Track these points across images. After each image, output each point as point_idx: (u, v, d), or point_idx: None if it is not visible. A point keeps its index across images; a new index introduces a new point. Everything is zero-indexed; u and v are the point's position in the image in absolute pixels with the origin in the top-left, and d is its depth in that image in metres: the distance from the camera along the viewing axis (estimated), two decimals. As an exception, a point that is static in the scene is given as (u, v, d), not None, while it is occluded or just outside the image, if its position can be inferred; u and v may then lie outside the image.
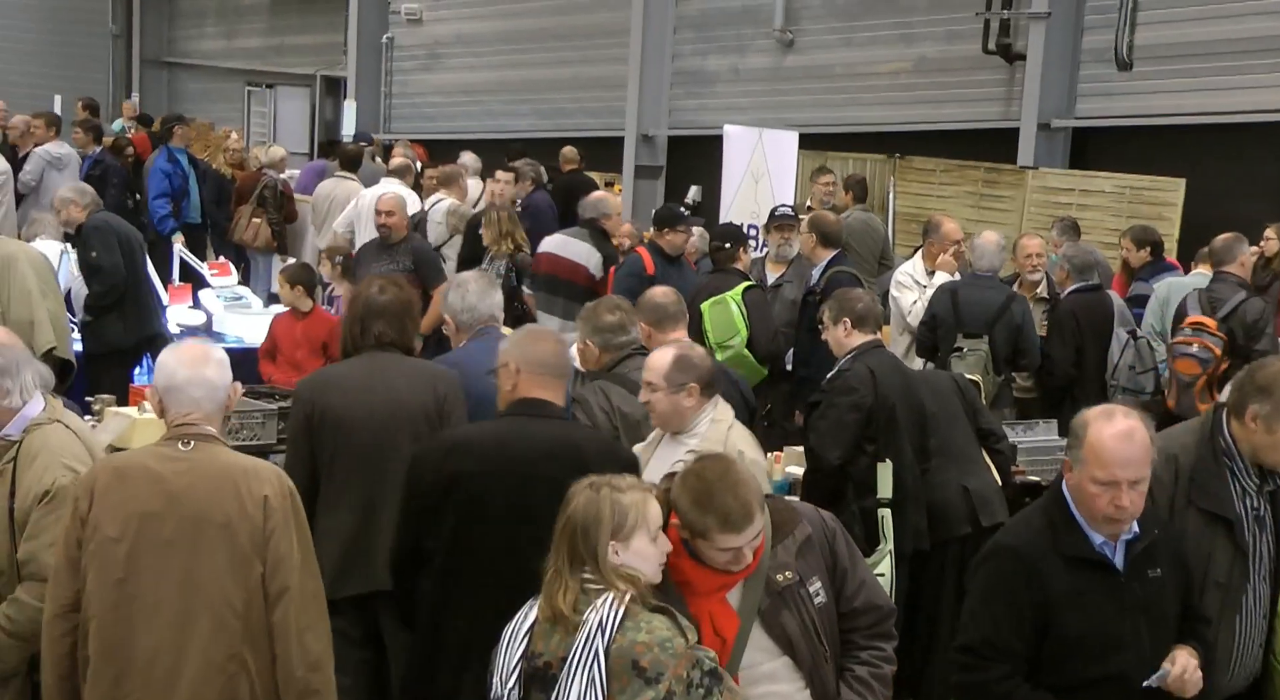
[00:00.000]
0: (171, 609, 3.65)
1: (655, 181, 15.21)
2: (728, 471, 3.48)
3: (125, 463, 3.80)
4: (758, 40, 14.42)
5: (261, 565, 3.69)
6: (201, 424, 3.73)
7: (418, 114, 18.00)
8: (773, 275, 8.52)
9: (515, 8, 16.81)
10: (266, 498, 3.70)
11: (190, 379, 3.76)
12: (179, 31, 21.84)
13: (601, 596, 3.31)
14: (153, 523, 3.66)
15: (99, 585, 3.66)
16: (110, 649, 3.66)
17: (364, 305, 4.96)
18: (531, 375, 4.24)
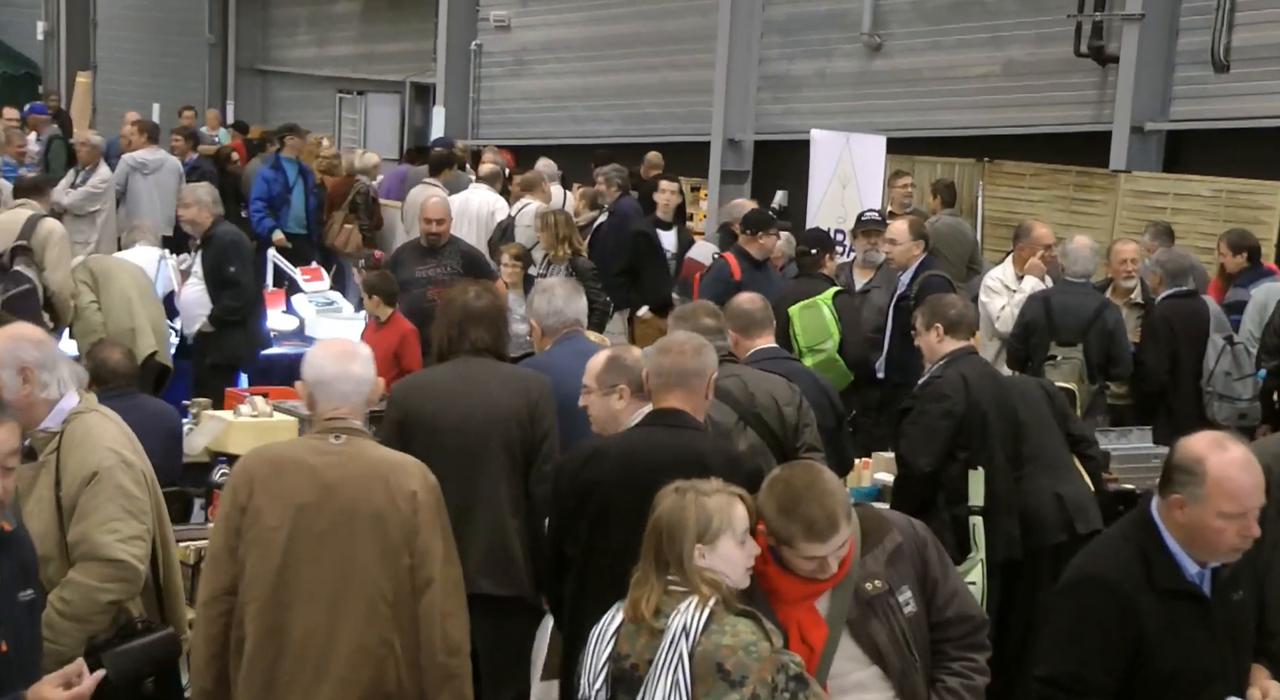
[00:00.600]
0: (326, 595, 3.83)
1: (741, 186, 15.19)
2: (815, 480, 3.48)
3: (281, 455, 3.99)
4: (845, 44, 14.36)
5: (409, 557, 3.86)
6: (349, 418, 3.92)
7: (505, 120, 18.13)
8: (860, 280, 8.50)
9: (602, 14, 16.89)
10: (414, 493, 3.87)
11: (338, 374, 3.93)
12: (273, 39, 22.18)
13: (686, 600, 3.33)
14: (309, 513, 3.84)
15: (259, 572, 3.84)
16: (268, 631, 3.84)
17: (461, 310, 5.00)
18: (658, 386, 4.33)
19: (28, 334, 4.14)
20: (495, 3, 18.06)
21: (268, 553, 3.84)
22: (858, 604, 3.52)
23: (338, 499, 3.84)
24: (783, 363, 5.80)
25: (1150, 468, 6.70)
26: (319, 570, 3.83)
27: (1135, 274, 8.46)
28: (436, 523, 3.92)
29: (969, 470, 5.55)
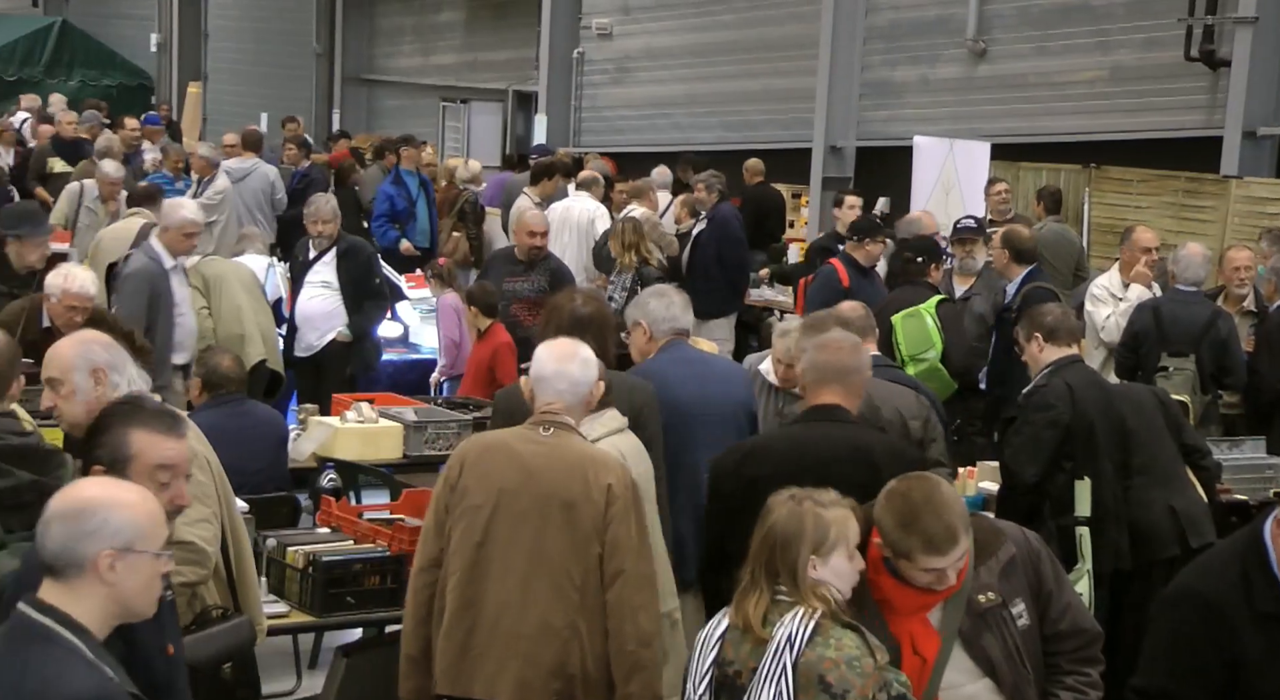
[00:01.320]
0: (518, 574, 4.05)
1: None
2: (934, 493, 3.46)
3: (493, 441, 4.26)
4: (949, 50, 14.24)
5: (599, 546, 4.06)
6: (562, 414, 4.18)
7: (607, 127, 18.21)
8: (960, 288, 8.42)
9: (705, 21, 16.90)
10: (609, 486, 4.08)
11: (556, 373, 4.21)
12: (378, 49, 22.48)
13: (792, 610, 3.32)
14: (510, 496, 4.09)
15: (461, 546, 4.09)
16: (465, 603, 4.09)
17: (570, 318, 4.98)
18: (816, 382, 4.45)
19: (95, 336, 4.23)
20: (597, 11, 18.15)
21: (470, 529, 4.09)
22: (971, 616, 3.50)
23: (537, 485, 4.08)
24: (886, 371, 5.77)
25: (1264, 478, 6.58)
26: (513, 550, 4.06)
27: (1249, 282, 8.28)
28: (630, 517, 4.09)
29: (1075, 480, 5.47)
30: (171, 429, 3.37)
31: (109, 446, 3.32)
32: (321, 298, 8.68)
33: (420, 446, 6.77)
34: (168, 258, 7.60)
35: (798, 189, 15.29)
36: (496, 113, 19.86)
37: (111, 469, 3.27)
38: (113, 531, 2.80)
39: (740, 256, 11.26)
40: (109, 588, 2.80)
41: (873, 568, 3.47)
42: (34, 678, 2.70)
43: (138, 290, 7.44)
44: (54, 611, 2.78)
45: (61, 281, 6.83)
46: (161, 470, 3.32)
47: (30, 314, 6.89)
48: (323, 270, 8.69)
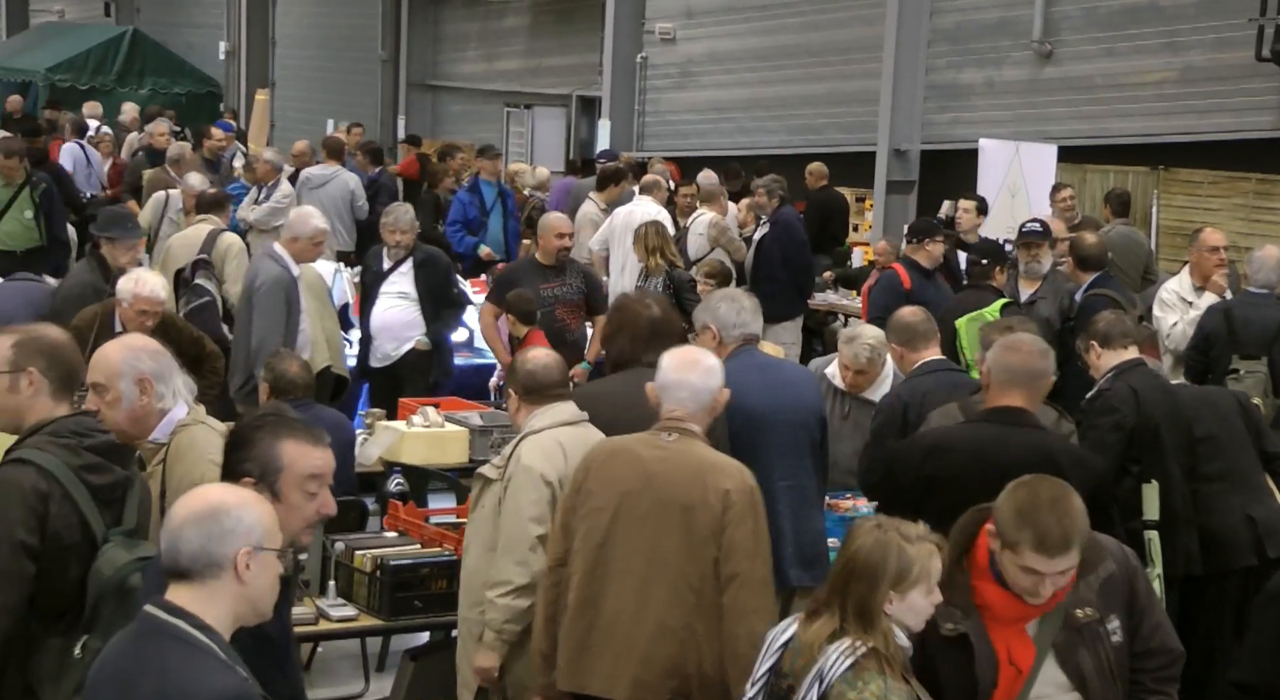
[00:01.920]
0: (637, 575, 4.17)
1: (907, 197, 15.04)
2: (1061, 497, 3.45)
3: (617, 446, 4.36)
4: (1015, 52, 14.13)
5: (716, 549, 4.14)
6: (685, 420, 4.29)
7: (670, 131, 18.22)
8: (1026, 292, 8.35)
9: (768, 25, 16.88)
10: (727, 491, 4.16)
11: (679, 381, 4.33)
12: (443, 55, 22.62)
13: (839, 642, 3.30)
14: (631, 499, 4.22)
15: (583, 547, 4.24)
16: (585, 602, 4.23)
17: (649, 325, 4.97)
18: (1002, 383, 4.50)
19: (144, 344, 4.25)
20: (660, 16, 18.17)
21: (592, 530, 4.23)
22: (1067, 630, 3.49)
23: (656, 489, 4.19)
24: (949, 375, 5.75)
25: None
26: (633, 552, 4.18)
27: (1320, 285, 8.15)
28: (748, 522, 4.17)
29: (1142, 485, 5.42)
30: (318, 440, 3.44)
31: (259, 459, 3.37)
32: (400, 308, 8.60)
33: (486, 451, 6.80)
34: (294, 266, 7.67)
35: (861, 192, 15.24)
36: (560, 118, 19.93)
37: (262, 480, 3.33)
38: (246, 530, 2.88)
39: (804, 259, 11.24)
40: (242, 587, 2.88)
41: (977, 573, 3.47)
42: (175, 679, 2.77)
43: (275, 301, 7.51)
44: (185, 614, 2.85)
45: (132, 286, 6.93)
46: (311, 480, 3.38)
47: (103, 319, 7.00)
48: (399, 280, 8.62)
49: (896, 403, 5.58)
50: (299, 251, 7.70)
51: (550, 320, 8.40)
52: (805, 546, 5.16)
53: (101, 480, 3.68)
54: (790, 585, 5.12)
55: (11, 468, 3.60)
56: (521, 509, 4.43)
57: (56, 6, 29.15)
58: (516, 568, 4.43)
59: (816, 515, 5.31)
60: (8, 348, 3.76)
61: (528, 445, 4.55)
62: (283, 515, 3.27)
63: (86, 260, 7.82)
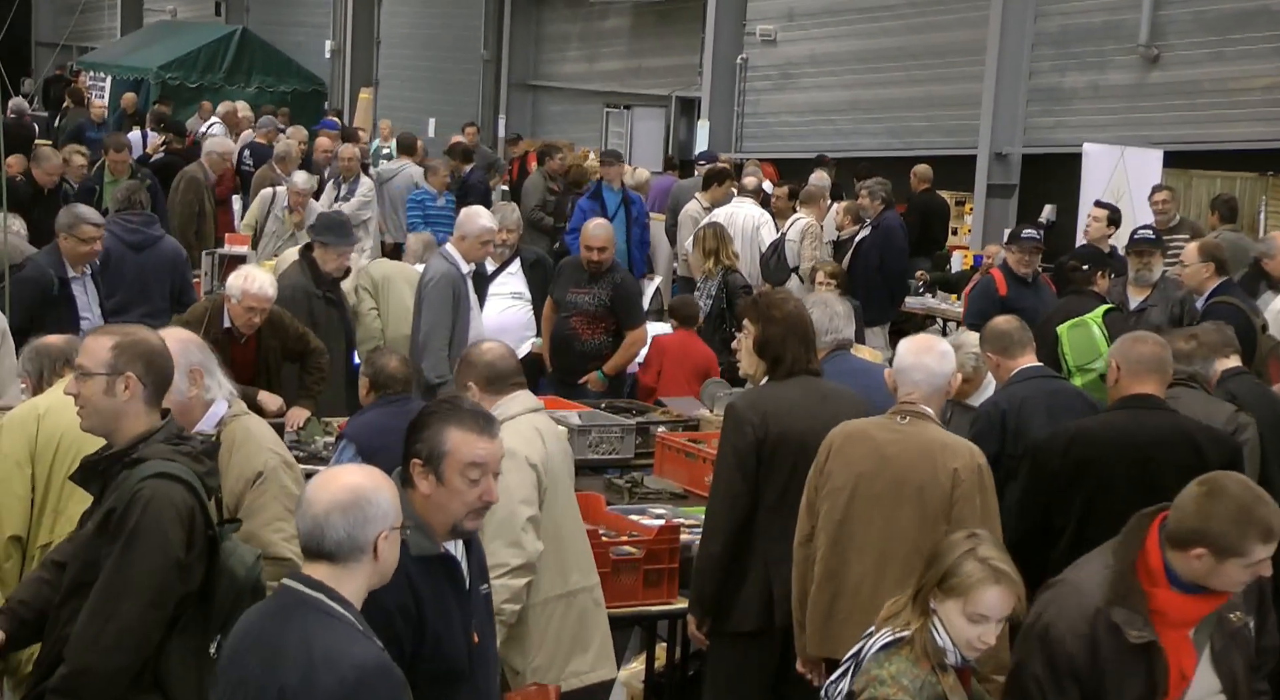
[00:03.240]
0: (875, 550, 4.48)
1: (1008, 201, 14.92)
2: (1249, 485, 3.52)
3: (855, 429, 4.63)
4: (1120, 56, 13.95)
5: (946, 524, 4.38)
6: (919, 403, 4.55)
7: (769, 133, 18.21)
8: (1135, 299, 8.26)
9: (870, 27, 16.81)
10: (956, 470, 4.44)
11: (913, 365, 4.57)
12: (544, 55, 22.79)
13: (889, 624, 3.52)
14: (867, 480, 4.52)
15: (826, 524, 4.57)
16: (829, 574, 4.55)
17: (806, 330, 4.96)
18: (1134, 373, 4.83)
19: (190, 336, 4.30)
20: (762, 17, 18.17)
21: (834, 508, 4.55)
22: (1222, 635, 3.53)
23: (891, 470, 4.48)
24: (1049, 382, 5.72)
25: None
26: (870, 528, 4.48)
27: None
28: (976, 498, 4.44)
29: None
30: (486, 429, 3.54)
31: (428, 442, 3.50)
32: (516, 308, 8.52)
33: (584, 450, 6.83)
34: (464, 263, 7.80)
35: (961, 196, 15.13)
36: (659, 118, 19.99)
37: (428, 463, 3.48)
38: (384, 514, 3.06)
39: (901, 266, 11.20)
40: (377, 564, 3.06)
41: (1149, 579, 3.48)
42: (321, 647, 2.92)
43: (442, 295, 7.64)
44: (324, 587, 3.01)
45: (241, 283, 7.08)
46: (473, 467, 3.48)
47: (213, 314, 7.16)
48: (510, 281, 8.53)
49: (994, 410, 5.57)
50: (466, 250, 7.80)
51: (564, 326, 8.26)
52: None
53: (214, 482, 3.77)
54: None
55: (161, 484, 3.59)
56: (511, 492, 4.39)
57: (169, 6, 29.77)
58: (510, 549, 4.42)
59: None
60: (106, 350, 3.72)
61: (508, 432, 4.43)
62: (444, 499, 3.46)
63: (299, 262, 7.93)
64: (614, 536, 5.59)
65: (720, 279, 9.40)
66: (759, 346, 4.93)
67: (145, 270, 8.54)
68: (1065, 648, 3.42)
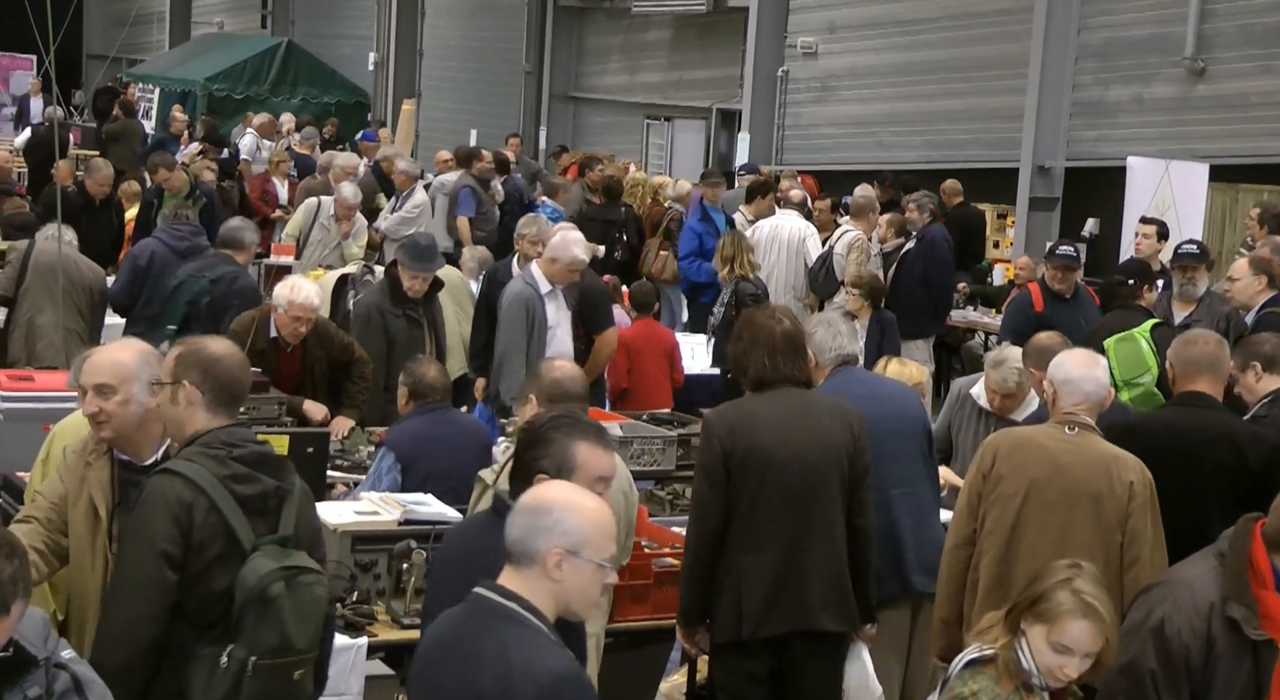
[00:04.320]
0: (1046, 556, 4.39)
1: (1050, 214, 14.84)
2: None
3: (1024, 437, 4.83)
4: (1166, 68, 13.86)
5: (1120, 535, 4.57)
6: (1082, 415, 4.68)
7: (809, 145, 18.20)
8: (1180, 314, 8.20)
9: (911, 40, 16.78)
10: (1131, 483, 4.59)
11: (1082, 376, 4.71)
12: (585, 67, 22.86)
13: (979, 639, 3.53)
14: (1040, 487, 4.64)
15: (995, 528, 4.68)
16: (999, 579, 4.62)
17: (783, 338, 4.88)
18: (1186, 372, 5.11)
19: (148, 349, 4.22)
20: (803, 30, 18.17)
21: (1005, 513, 4.66)
22: None
23: (1066, 478, 4.61)
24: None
25: None
26: (1042, 535, 4.59)
27: None
28: (1148, 511, 4.59)
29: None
30: (608, 444, 3.64)
31: (556, 457, 3.55)
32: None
33: (626, 461, 6.84)
34: (544, 283, 7.78)
35: (1003, 209, 15.07)
36: (699, 131, 20.01)
37: (556, 477, 3.46)
38: (563, 532, 3.03)
39: (946, 280, 11.16)
40: (553, 584, 3.03)
41: (1258, 581, 3.53)
42: (519, 655, 2.96)
43: (515, 317, 7.69)
44: (516, 597, 3.04)
45: (288, 293, 7.14)
46: (599, 481, 3.55)
47: (260, 324, 7.21)
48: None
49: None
50: (553, 273, 7.78)
51: None
52: (926, 553, 5.18)
53: (249, 490, 3.76)
54: (916, 591, 5.18)
55: (159, 478, 3.70)
56: None
57: (216, 19, 30.05)
58: None
59: (935, 522, 5.34)
60: (171, 359, 3.86)
61: None
62: None
63: (383, 281, 7.94)
64: (656, 548, 5.60)
65: (733, 287, 9.41)
66: (732, 360, 5.04)
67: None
68: (1181, 641, 3.49)
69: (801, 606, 4.73)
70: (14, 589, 2.86)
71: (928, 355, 10.87)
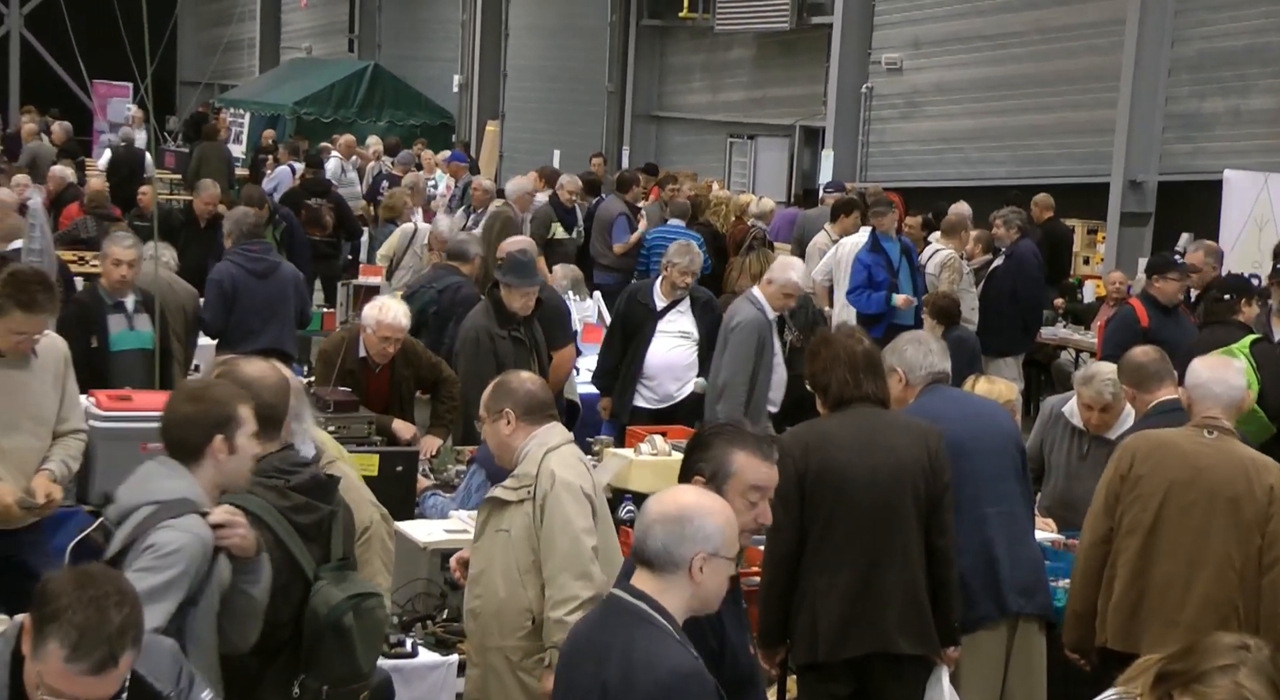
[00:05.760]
0: (1184, 555, 4.74)
1: (1142, 229, 14.60)
2: None
3: (1163, 439, 4.92)
4: (1264, 80, 13.60)
5: (1260, 538, 4.68)
6: (1220, 419, 4.82)
7: (894, 162, 18.07)
8: (1279, 330, 8.03)
9: (998, 54, 16.62)
10: (1271, 486, 4.71)
11: (1212, 379, 4.89)
12: (668, 86, 22.89)
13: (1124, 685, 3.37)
14: (1180, 488, 4.77)
15: (1134, 528, 4.83)
16: (1135, 575, 4.82)
17: (861, 357, 4.85)
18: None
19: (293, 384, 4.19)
20: (888, 46, 18.06)
21: (1143, 514, 4.80)
22: None
23: (1205, 481, 4.74)
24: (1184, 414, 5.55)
25: None
26: (1181, 534, 4.74)
27: None
28: None
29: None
30: (769, 455, 3.70)
31: (713, 462, 3.65)
32: (684, 348, 8.39)
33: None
34: (770, 310, 7.94)
35: (1093, 224, 14.85)
36: (783, 148, 19.95)
37: (711, 481, 3.60)
38: (705, 536, 3.18)
39: (1036, 296, 11.00)
40: (695, 586, 3.19)
41: None
42: (641, 651, 3.11)
43: (747, 339, 7.80)
44: (646, 598, 3.19)
45: (376, 313, 7.18)
46: (754, 490, 3.65)
47: (349, 344, 7.27)
48: (678, 319, 8.39)
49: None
50: (770, 295, 7.90)
51: None
52: (1022, 573, 5.09)
53: (308, 519, 3.79)
54: (1011, 611, 5.06)
55: None
56: (573, 523, 4.35)
57: (305, 43, 30.50)
58: (580, 582, 4.34)
59: (1031, 542, 5.25)
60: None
61: (556, 461, 4.46)
62: None
63: (484, 304, 7.89)
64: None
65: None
66: (809, 378, 4.99)
67: (271, 295, 8.76)
68: None
69: (877, 628, 4.68)
70: (123, 641, 2.84)
71: (1017, 373, 10.71)
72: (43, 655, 2.83)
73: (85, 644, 2.79)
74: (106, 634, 2.81)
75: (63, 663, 2.80)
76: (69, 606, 2.81)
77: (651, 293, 8.45)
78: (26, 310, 5.18)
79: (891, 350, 5.31)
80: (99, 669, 2.81)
